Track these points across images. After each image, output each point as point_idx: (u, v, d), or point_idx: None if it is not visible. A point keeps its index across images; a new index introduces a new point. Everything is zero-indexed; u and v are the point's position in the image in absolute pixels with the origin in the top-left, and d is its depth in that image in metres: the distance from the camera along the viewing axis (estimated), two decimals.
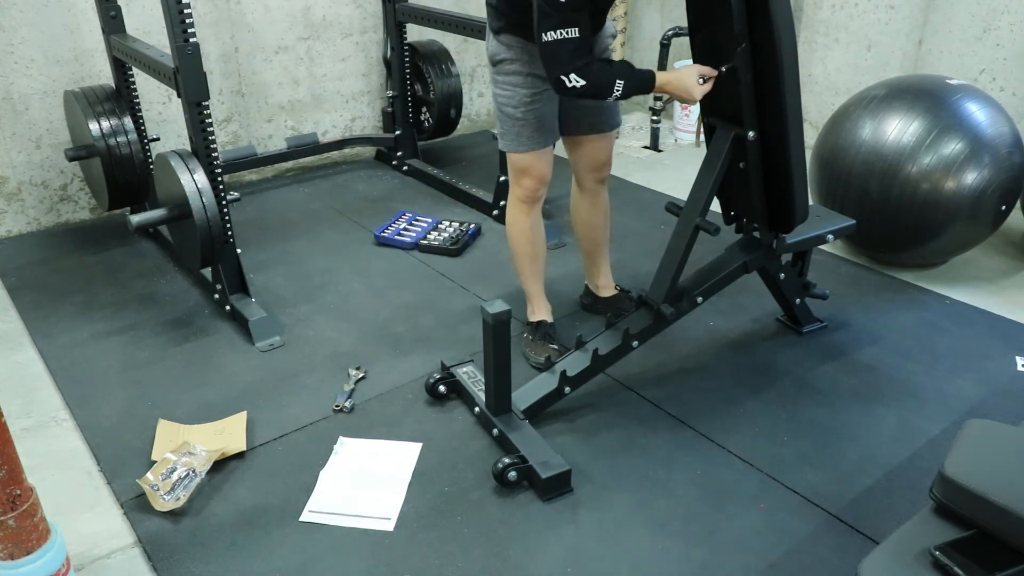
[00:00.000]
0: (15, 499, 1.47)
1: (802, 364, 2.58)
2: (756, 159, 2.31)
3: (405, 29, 4.08)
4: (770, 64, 2.12)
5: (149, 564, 1.87)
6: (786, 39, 2.08)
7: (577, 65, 2.06)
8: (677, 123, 4.90)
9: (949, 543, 1.39)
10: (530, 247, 2.58)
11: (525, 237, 2.57)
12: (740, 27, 2.11)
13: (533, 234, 2.57)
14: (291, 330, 2.80)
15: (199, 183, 2.61)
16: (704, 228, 2.33)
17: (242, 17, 3.89)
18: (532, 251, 2.59)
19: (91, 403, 2.43)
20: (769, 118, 2.23)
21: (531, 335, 2.65)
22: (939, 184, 2.84)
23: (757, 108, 2.23)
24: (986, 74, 3.73)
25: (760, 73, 2.17)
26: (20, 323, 2.88)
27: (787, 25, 2.07)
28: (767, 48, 2.11)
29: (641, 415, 2.35)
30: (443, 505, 2.03)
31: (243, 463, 2.18)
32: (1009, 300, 2.96)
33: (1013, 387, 2.46)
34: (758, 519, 1.98)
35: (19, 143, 3.46)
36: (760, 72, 2.17)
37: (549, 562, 1.85)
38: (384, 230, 3.50)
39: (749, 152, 2.29)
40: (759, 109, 2.23)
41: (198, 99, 2.58)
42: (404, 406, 2.41)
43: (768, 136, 2.27)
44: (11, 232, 3.56)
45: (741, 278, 2.52)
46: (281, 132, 4.21)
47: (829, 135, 3.15)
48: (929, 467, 2.12)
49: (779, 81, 2.12)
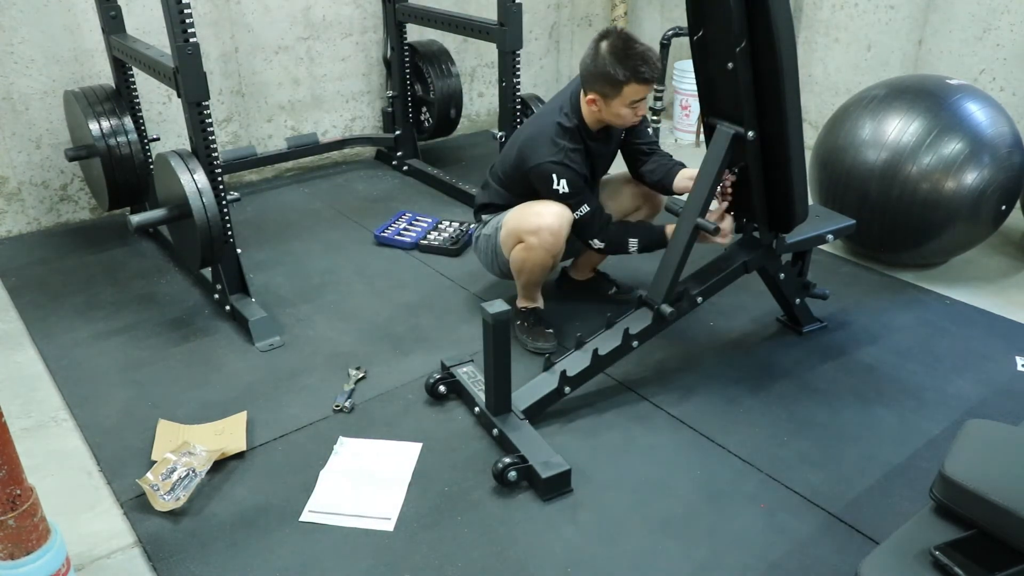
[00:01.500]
0: (15, 499, 1.47)
1: (802, 364, 2.58)
2: (756, 159, 2.31)
3: (405, 29, 4.08)
4: (770, 63, 2.12)
5: (149, 564, 1.87)
6: (785, 38, 2.07)
7: (596, 234, 2.54)
8: (677, 123, 4.90)
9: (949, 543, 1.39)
10: (552, 262, 2.59)
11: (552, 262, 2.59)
12: (739, 26, 2.11)
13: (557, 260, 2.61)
14: (291, 330, 2.80)
15: (199, 183, 2.61)
16: (703, 228, 2.33)
17: (242, 17, 3.89)
18: (553, 264, 2.61)
19: (91, 403, 2.43)
20: (769, 118, 2.23)
21: (524, 321, 2.69)
22: (939, 184, 2.84)
23: (756, 108, 2.23)
24: (986, 74, 3.73)
25: (759, 73, 2.17)
26: (20, 323, 2.88)
27: (786, 24, 2.07)
28: (766, 47, 2.10)
29: (641, 415, 2.35)
30: (443, 505, 2.03)
31: (243, 463, 2.18)
32: (1009, 300, 2.96)
33: (1013, 387, 2.46)
34: (758, 519, 1.98)
35: (19, 143, 3.46)
36: (759, 72, 2.17)
37: (549, 562, 1.85)
38: (384, 230, 3.50)
39: (749, 152, 2.29)
40: (758, 109, 2.23)
41: (198, 99, 2.58)
42: (404, 406, 2.41)
43: (768, 136, 2.27)
44: (11, 232, 3.56)
45: (741, 278, 2.52)
46: (281, 132, 4.21)
47: (829, 135, 3.15)
48: (929, 467, 2.12)
49: (779, 80, 2.12)
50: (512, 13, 3.24)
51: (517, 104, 3.41)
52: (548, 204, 2.48)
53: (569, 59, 5.24)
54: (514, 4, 3.23)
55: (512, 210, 2.59)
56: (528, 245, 2.51)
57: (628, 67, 2.34)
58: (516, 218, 2.55)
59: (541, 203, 2.49)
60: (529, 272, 2.59)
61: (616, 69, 2.34)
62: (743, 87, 2.19)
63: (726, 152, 2.31)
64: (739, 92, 2.20)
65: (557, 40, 5.16)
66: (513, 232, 2.55)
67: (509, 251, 2.59)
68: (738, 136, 2.27)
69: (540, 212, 2.47)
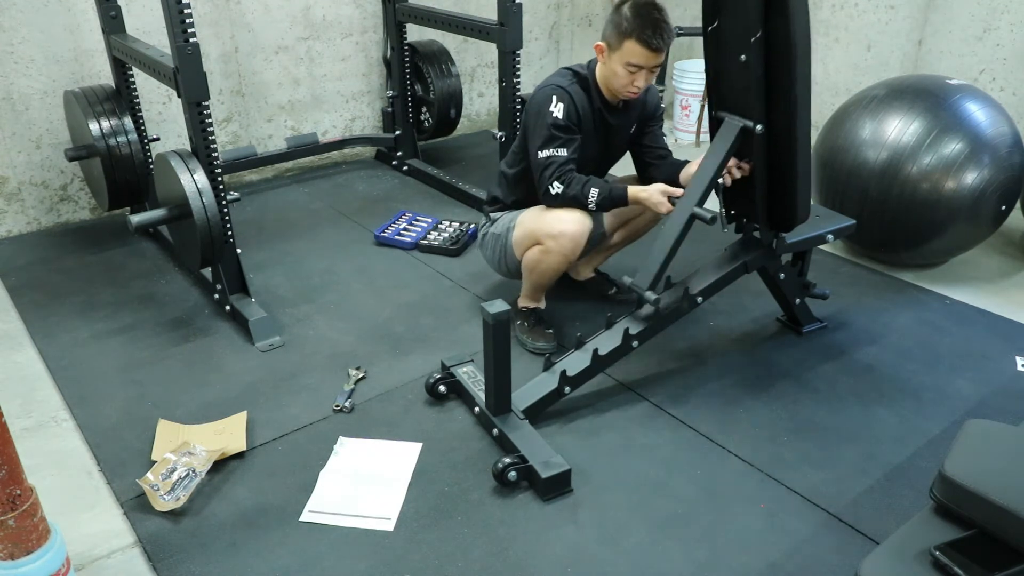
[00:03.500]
0: (15, 499, 1.47)
1: (802, 364, 2.58)
2: (761, 153, 2.29)
3: (405, 29, 4.08)
4: (784, 55, 2.10)
5: (149, 564, 1.87)
6: (800, 30, 2.05)
7: (558, 176, 2.42)
8: (677, 123, 4.90)
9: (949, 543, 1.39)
10: (566, 267, 2.60)
11: (566, 268, 2.60)
12: (756, 15, 2.09)
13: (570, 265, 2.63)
14: (291, 330, 2.80)
15: (199, 183, 2.61)
16: (700, 217, 2.29)
17: (242, 17, 3.89)
18: (566, 269, 2.62)
19: (91, 403, 2.43)
20: (778, 112, 2.21)
21: (525, 321, 2.69)
22: (939, 184, 2.84)
23: (766, 101, 2.21)
24: (986, 74, 3.72)
25: (771, 66, 2.15)
26: (20, 323, 2.88)
27: (803, 16, 2.04)
28: (782, 39, 2.08)
29: (641, 415, 2.35)
30: (443, 505, 2.03)
31: (243, 463, 2.18)
32: (1009, 300, 2.96)
33: (1013, 387, 2.46)
34: (758, 519, 1.98)
35: (19, 143, 3.46)
36: (771, 65, 2.15)
37: (549, 562, 1.85)
38: (384, 230, 3.50)
39: (755, 146, 2.27)
40: (768, 103, 2.21)
41: (198, 99, 2.58)
42: (404, 406, 2.41)
43: (775, 130, 2.25)
44: (11, 232, 3.56)
45: (741, 278, 2.52)
46: (281, 132, 4.21)
47: (829, 135, 3.15)
48: (929, 467, 2.12)
49: (791, 73, 2.10)
50: (512, 13, 3.24)
51: (517, 104, 3.41)
52: (570, 211, 2.46)
53: (569, 59, 5.24)
54: (514, 4, 3.23)
55: (529, 211, 2.58)
56: (546, 248, 2.50)
57: (636, 24, 2.33)
58: (535, 220, 2.53)
59: (563, 210, 2.47)
60: (541, 274, 2.59)
61: (625, 21, 2.35)
62: (755, 79, 2.17)
63: (732, 144, 2.28)
64: (751, 84, 2.18)
65: (557, 40, 5.16)
66: (531, 233, 2.53)
67: (523, 251, 2.58)
68: (746, 129, 2.26)
69: (562, 217, 2.45)
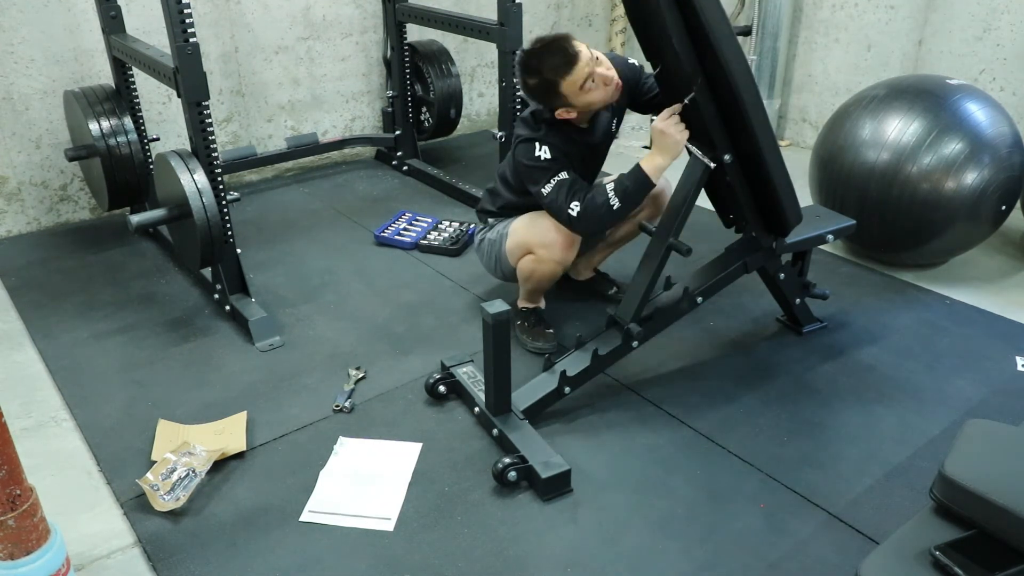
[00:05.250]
0: (15, 499, 1.47)
1: (802, 364, 2.58)
2: (738, 177, 2.31)
3: (405, 29, 4.08)
4: (729, 94, 2.09)
5: (149, 564, 1.87)
6: (738, 70, 2.02)
7: (570, 196, 2.35)
8: None
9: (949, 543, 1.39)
10: (561, 273, 2.60)
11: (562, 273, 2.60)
12: (690, 65, 2.10)
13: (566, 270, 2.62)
14: (291, 330, 2.80)
15: (199, 183, 2.61)
16: (676, 249, 2.32)
17: (242, 17, 3.89)
18: (561, 274, 2.62)
19: (91, 403, 2.43)
20: (741, 139, 2.21)
21: (525, 321, 2.69)
22: (939, 184, 2.84)
23: (728, 131, 2.22)
24: (986, 74, 3.73)
25: (722, 99, 2.15)
26: (20, 323, 2.88)
27: (736, 56, 2.02)
28: (722, 79, 2.07)
29: (641, 415, 2.35)
30: (443, 505, 2.03)
31: (243, 463, 2.18)
32: (1009, 300, 2.96)
33: (1013, 387, 2.46)
34: (758, 519, 1.98)
35: (19, 143, 3.46)
36: (722, 98, 2.14)
37: (549, 562, 1.85)
38: (384, 230, 3.50)
39: (729, 172, 2.29)
40: (730, 131, 2.22)
41: (198, 99, 2.58)
42: (404, 406, 2.41)
43: (743, 153, 2.25)
44: (11, 232, 3.56)
45: (741, 278, 2.52)
46: (281, 132, 4.21)
47: (829, 135, 3.15)
48: (929, 467, 2.12)
49: (741, 107, 2.08)
50: (512, 13, 3.24)
51: (517, 104, 3.41)
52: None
53: None
54: (514, 4, 3.23)
55: (520, 219, 2.58)
56: (539, 258, 2.50)
57: (549, 70, 2.27)
58: (527, 229, 2.53)
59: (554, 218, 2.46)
60: (537, 281, 2.60)
61: (543, 80, 2.29)
62: (708, 117, 2.18)
63: (701, 175, 2.30)
64: (705, 122, 2.19)
65: None
66: (522, 243, 2.53)
67: (516, 260, 2.58)
68: (716, 160, 2.26)
69: (553, 226, 2.45)
